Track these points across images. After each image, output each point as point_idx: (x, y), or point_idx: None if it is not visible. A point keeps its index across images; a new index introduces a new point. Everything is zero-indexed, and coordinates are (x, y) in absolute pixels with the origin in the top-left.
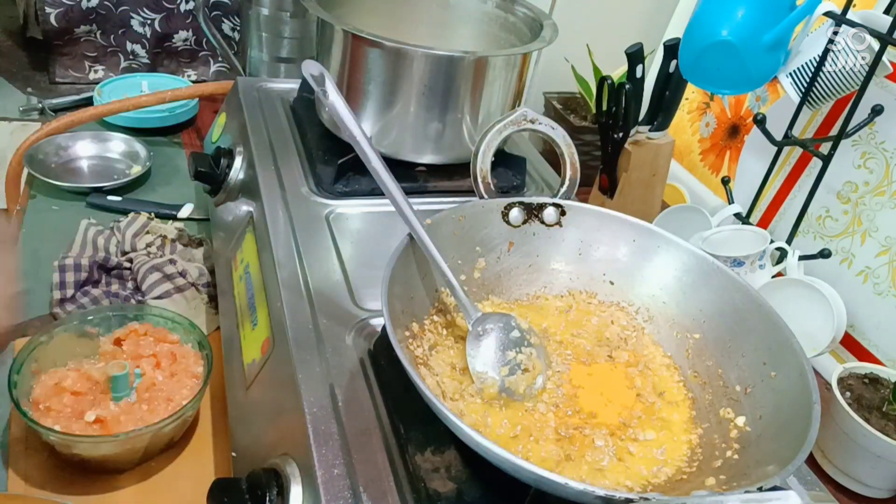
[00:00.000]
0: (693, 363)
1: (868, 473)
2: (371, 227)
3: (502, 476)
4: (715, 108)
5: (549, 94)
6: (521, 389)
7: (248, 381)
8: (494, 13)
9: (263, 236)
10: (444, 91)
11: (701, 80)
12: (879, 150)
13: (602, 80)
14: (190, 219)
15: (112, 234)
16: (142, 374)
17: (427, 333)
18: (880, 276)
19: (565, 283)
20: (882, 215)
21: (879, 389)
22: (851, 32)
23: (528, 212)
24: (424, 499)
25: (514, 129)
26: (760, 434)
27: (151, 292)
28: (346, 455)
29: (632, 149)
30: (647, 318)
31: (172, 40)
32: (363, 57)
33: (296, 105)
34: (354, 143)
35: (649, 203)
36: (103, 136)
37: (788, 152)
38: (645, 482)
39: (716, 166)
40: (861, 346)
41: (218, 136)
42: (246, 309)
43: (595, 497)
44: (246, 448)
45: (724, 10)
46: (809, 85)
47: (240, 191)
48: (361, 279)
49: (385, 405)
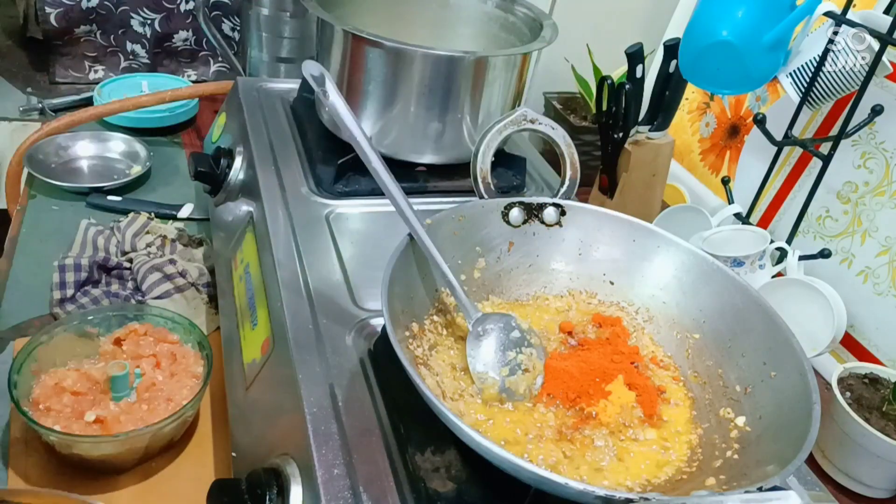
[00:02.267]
0: (693, 363)
1: (868, 473)
2: (371, 227)
3: (502, 476)
4: (715, 108)
5: (549, 94)
6: (522, 390)
7: (248, 381)
8: (494, 13)
9: (263, 236)
10: (444, 91)
11: (701, 80)
12: (879, 150)
13: (602, 80)
14: (190, 219)
15: (112, 234)
16: (142, 374)
17: (427, 333)
18: (880, 276)
19: (565, 283)
20: (882, 215)
21: (879, 389)
22: (851, 32)
23: (528, 212)
24: (424, 499)
25: (514, 129)
26: (760, 434)
27: (151, 292)
28: (346, 455)
29: (632, 149)
30: (647, 318)
31: (172, 40)
32: (363, 57)
33: (296, 105)
34: (354, 143)
35: (649, 203)
36: (103, 136)
37: (788, 152)
38: (645, 482)
39: (716, 166)
40: (861, 346)
41: (218, 136)
42: (246, 309)
43: (595, 497)
44: (246, 448)
45: (724, 10)
46: (809, 85)
47: (240, 191)
48: (361, 279)
49: (385, 405)
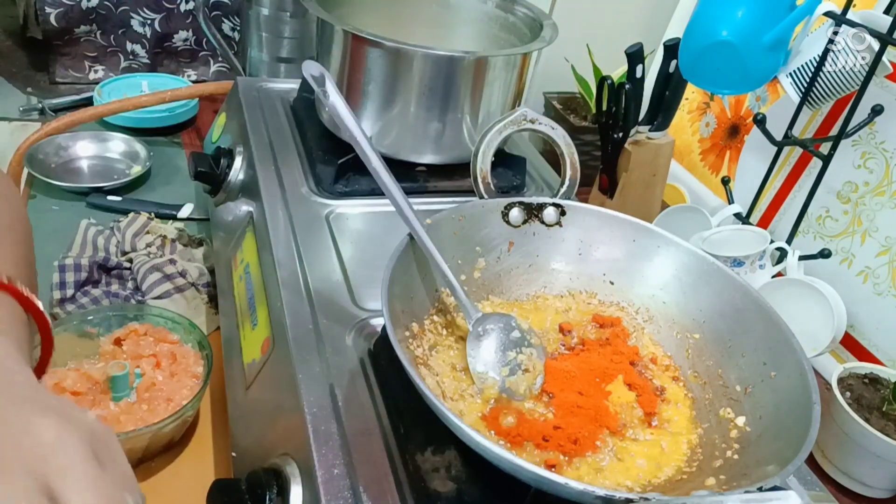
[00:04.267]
0: (693, 363)
1: (868, 473)
2: (371, 227)
3: (502, 476)
4: (715, 108)
5: (549, 94)
6: (522, 390)
7: (248, 381)
8: (494, 13)
9: (263, 236)
10: (444, 91)
11: (701, 80)
12: (879, 150)
13: (602, 80)
14: (190, 219)
15: (112, 234)
16: (142, 374)
17: (427, 333)
18: (880, 276)
19: (565, 283)
20: (882, 215)
21: (879, 389)
22: (851, 32)
23: (528, 212)
24: (424, 499)
25: (514, 129)
26: (760, 434)
27: (151, 292)
28: (346, 455)
29: (632, 149)
30: (647, 318)
31: (172, 40)
32: (363, 57)
33: (296, 105)
34: (354, 144)
35: (649, 203)
36: (103, 136)
37: (788, 152)
38: (645, 482)
39: (716, 166)
40: (861, 346)
41: (218, 136)
42: (246, 309)
43: (595, 497)
44: (246, 448)
45: (724, 10)
46: (809, 85)
47: (240, 191)
48: (361, 279)
49: (385, 405)
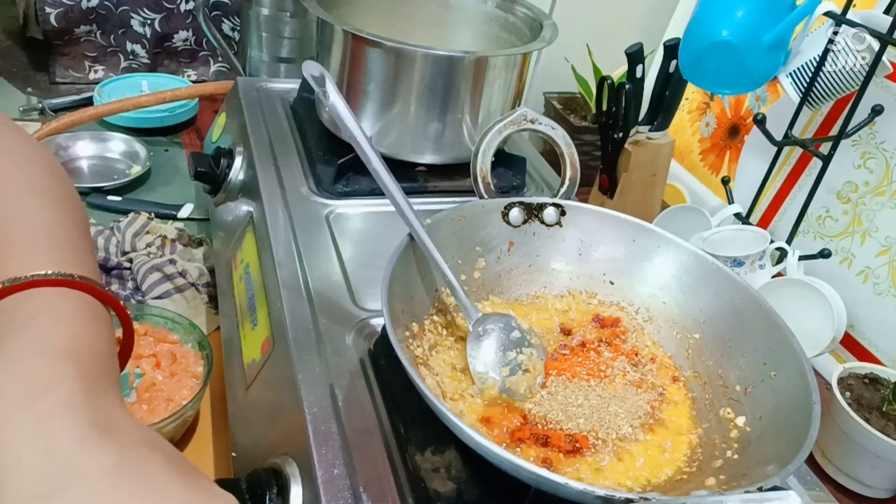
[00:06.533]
0: (693, 363)
1: (868, 473)
2: (371, 227)
3: (502, 476)
4: (715, 108)
5: (549, 94)
6: (522, 390)
7: (248, 381)
8: (494, 13)
9: (263, 236)
10: (444, 91)
11: (701, 80)
12: (879, 150)
13: (602, 80)
14: (190, 219)
15: (112, 234)
16: (142, 374)
17: (427, 333)
18: (880, 276)
19: (565, 283)
20: (882, 215)
21: (879, 389)
22: (851, 32)
23: (528, 212)
24: (424, 499)
25: (514, 129)
26: (760, 434)
27: (151, 292)
28: (346, 455)
29: (632, 149)
30: (647, 318)
31: (172, 40)
32: (363, 57)
33: (296, 105)
34: (354, 144)
35: (649, 203)
36: (103, 136)
37: (788, 152)
38: (645, 482)
39: (716, 166)
40: (861, 346)
41: (218, 136)
42: (246, 309)
43: (595, 497)
44: (246, 448)
45: (724, 10)
46: (809, 85)
47: (240, 191)
48: (361, 279)
49: (385, 405)
